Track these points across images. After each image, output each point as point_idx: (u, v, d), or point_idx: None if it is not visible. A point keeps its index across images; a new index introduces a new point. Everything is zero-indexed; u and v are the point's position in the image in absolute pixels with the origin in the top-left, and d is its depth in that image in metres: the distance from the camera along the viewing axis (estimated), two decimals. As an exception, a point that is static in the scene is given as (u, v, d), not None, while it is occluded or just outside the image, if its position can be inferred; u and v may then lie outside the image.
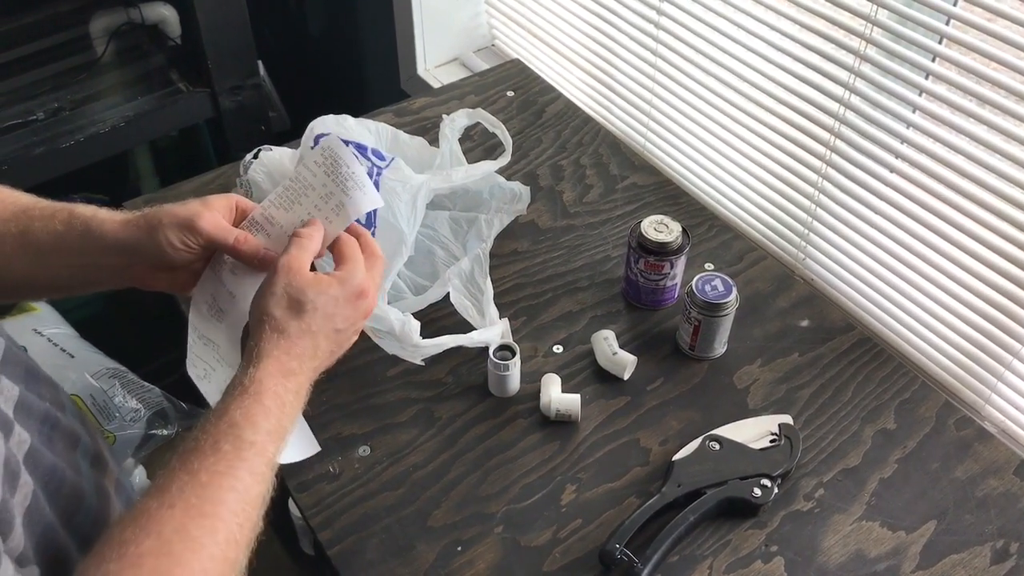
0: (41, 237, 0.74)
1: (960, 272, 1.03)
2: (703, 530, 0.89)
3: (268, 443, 0.64)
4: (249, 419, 0.64)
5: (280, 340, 0.69)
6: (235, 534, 0.59)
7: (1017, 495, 0.92)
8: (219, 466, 0.61)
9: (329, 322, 0.72)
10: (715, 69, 1.24)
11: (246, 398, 0.65)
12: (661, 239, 1.06)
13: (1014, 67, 0.89)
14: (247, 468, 0.62)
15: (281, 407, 0.67)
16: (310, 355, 0.71)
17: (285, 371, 0.68)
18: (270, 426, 0.65)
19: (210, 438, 0.62)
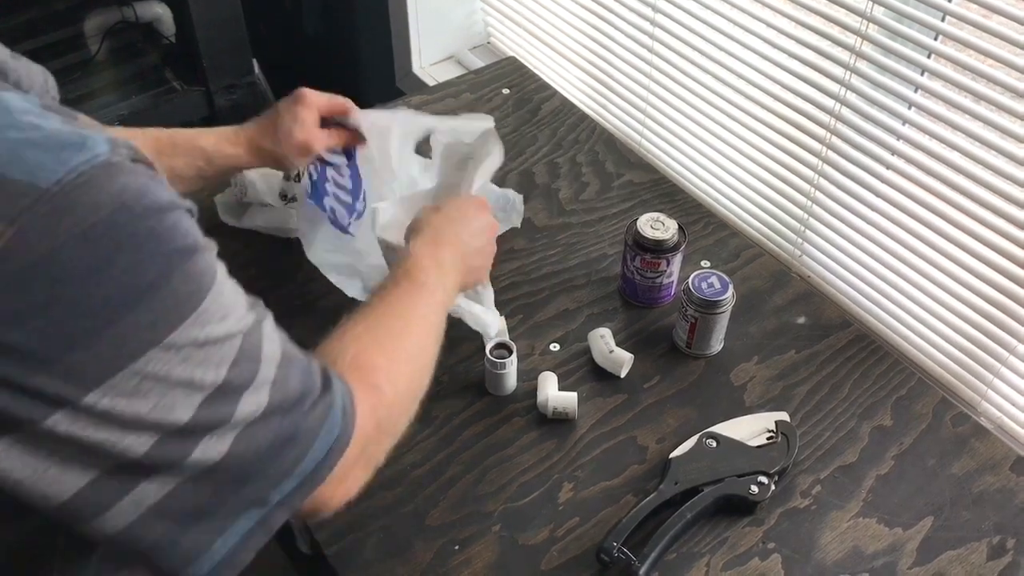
0: (185, 171, 0.97)
1: (956, 269, 1.03)
2: (700, 528, 0.89)
3: (436, 288, 0.80)
4: (417, 269, 0.80)
5: (425, 229, 0.86)
6: (424, 340, 0.75)
7: (1013, 491, 0.93)
8: (401, 294, 0.77)
9: (465, 216, 0.90)
10: (711, 66, 1.24)
11: (407, 262, 0.81)
12: (657, 237, 1.06)
13: (1010, 63, 0.89)
14: (425, 298, 0.78)
15: (439, 266, 0.82)
16: (453, 234, 0.87)
17: (434, 242, 0.84)
18: (434, 278, 0.80)
19: (388, 283, 0.78)
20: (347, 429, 0.60)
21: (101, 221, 0.44)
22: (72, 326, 0.43)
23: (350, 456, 0.60)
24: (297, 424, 0.55)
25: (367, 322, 0.73)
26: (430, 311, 0.78)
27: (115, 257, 0.44)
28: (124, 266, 0.45)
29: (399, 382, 0.69)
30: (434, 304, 0.79)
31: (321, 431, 0.57)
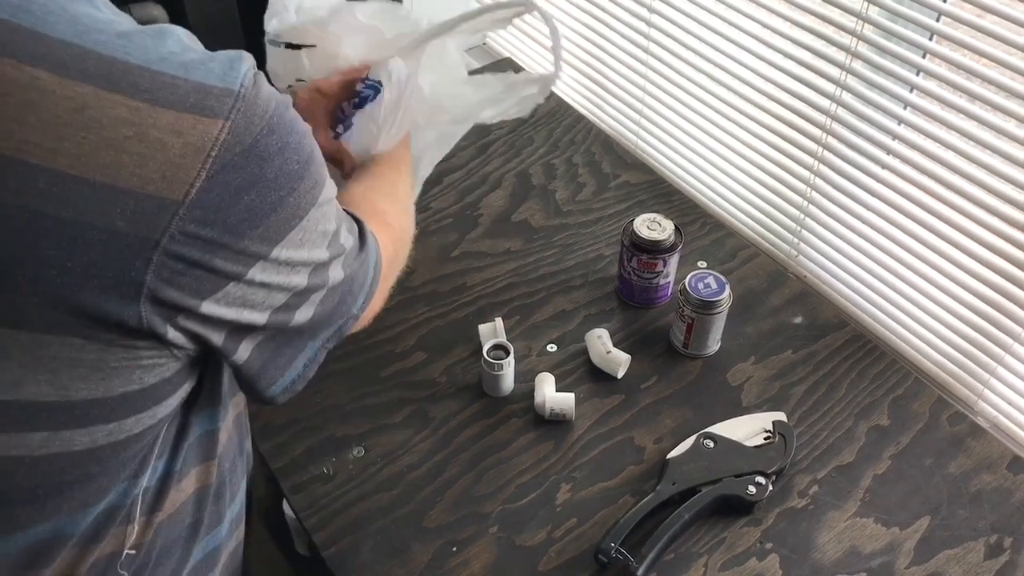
0: None
1: (952, 268, 1.04)
2: (698, 528, 0.89)
3: (402, 162, 0.94)
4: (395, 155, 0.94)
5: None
6: (405, 186, 0.91)
7: (1010, 490, 0.93)
8: (384, 167, 0.90)
9: None
10: (707, 67, 1.24)
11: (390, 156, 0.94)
12: (654, 237, 1.06)
13: (1004, 63, 0.89)
14: (397, 157, 0.93)
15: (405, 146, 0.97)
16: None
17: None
18: (403, 153, 0.95)
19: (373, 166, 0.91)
20: (378, 257, 0.73)
21: (274, 112, 0.54)
22: (270, 196, 0.54)
23: (382, 273, 0.74)
24: (355, 269, 0.68)
25: (367, 182, 0.88)
26: (401, 163, 0.93)
27: (288, 139, 0.55)
28: (294, 146, 0.55)
29: (402, 218, 0.85)
30: (404, 164, 0.94)
31: (370, 263, 0.70)
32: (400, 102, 1.00)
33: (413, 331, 1.09)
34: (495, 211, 1.26)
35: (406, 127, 1.01)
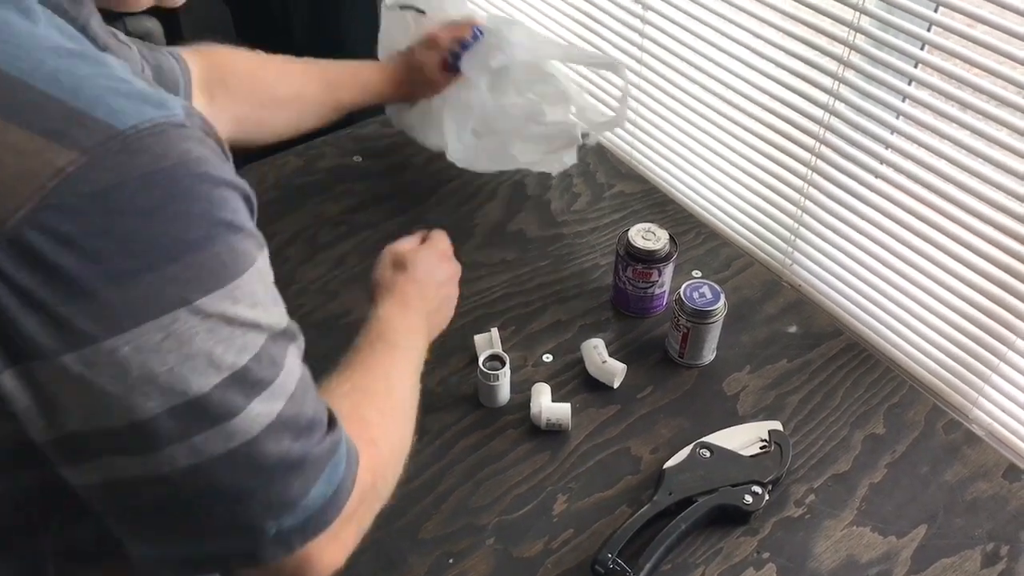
0: (347, 103, 1.17)
1: (946, 276, 1.04)
2: (695, 538, 0.89)
3: (410, 349, 0.80)
4: (391, 332, 0.80)
5: (392, 291, 0.86)
6: (406, 399, 0.75)
7: (1006, 498, 0.93)
8: (379, 356, 0.76)
9: (430, 273, 0.91)
10: (700, 77, 1.25)
11: (380, 325, 0.81)
12: (649, 247, 1.06)
13: (995, 72, 0.89)
14: (401, 358, 0.78)
15: (409, 330, 0.83)
16: (419, 296, 0.87)
17: (402, 304, 0.84)
18: (405, 340, 0.81)
19: (363, 346, 0.77)
20: (351, 473, 0.58)
21: (163, 170, 0.45)
22: (117, 262, 0.44)
23: (349, 507, 0.57)
24: (306, 451, 0.53)
25: (352, 382, 0.72)
26: (407, 372, 0.78)
27: (168, 205, 0.46)
28: (174, 216, 0.46)
29: (392, 438, 0.69)
30: (410, 365, 0.79)
31: (327, 467, 0.55)
32: (496, 47, 1.19)
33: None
34: (490, 222, 1.26)
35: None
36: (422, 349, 0.84)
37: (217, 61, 1.04)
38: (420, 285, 0.89)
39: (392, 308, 0.84)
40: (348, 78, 1.17)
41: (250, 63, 1.09)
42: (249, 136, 1.07)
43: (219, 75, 1.03)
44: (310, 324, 1.10)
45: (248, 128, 1.06)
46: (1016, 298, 0.97)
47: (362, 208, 1.28)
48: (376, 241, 1.22)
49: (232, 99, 1.04)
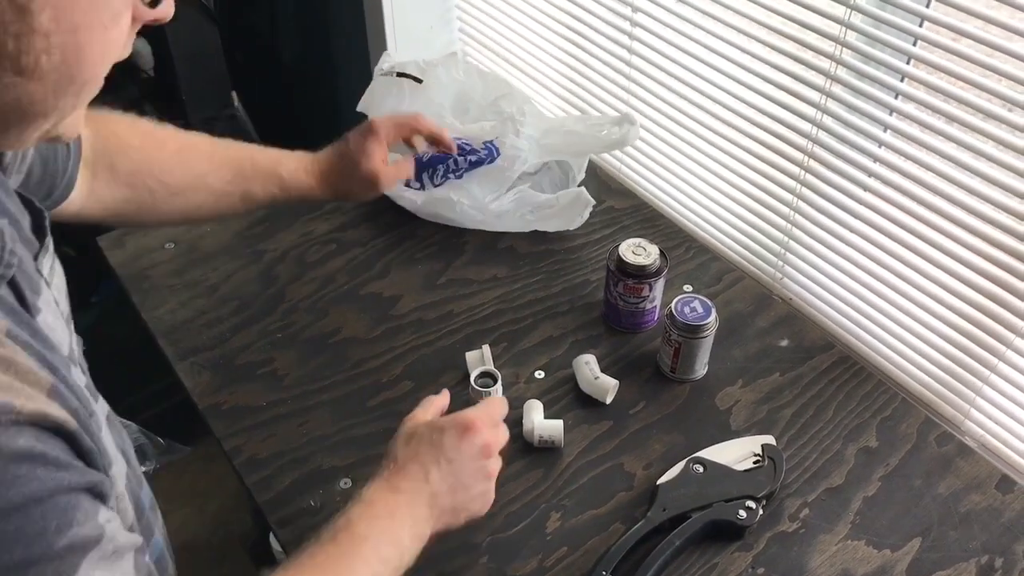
0: (259, 196, 0.99)
1: (937, 288, 1.04)
2: (689, 554, 0.88)
3: (381, 542, 0.71)
4: (364, 518, 0.71)
5: (391, 464, 0.76)
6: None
7: (1000, 509, 0.93)
8: (338, 550, 0.69)
9: (436, 450, 0.77)
10: (688, 92, 1.25)
11: (359, 506, 0.72)
12: (639, 262, 1.06)
13: (980, 85, 0.90)
14: (368, 553, 0.69)
15: (391, 515, 0.73)
16: (420, 478, 0.75)
17: (392, 488, 0.74)
18: (381, 526, 0.72)
19: (329, 533, 0.70)
20: None
21: None
22: None
23: None
24: None
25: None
26: (369, 570, 0.70)
27: None
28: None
29: None
30: (374, 561, 0.70)
31: None
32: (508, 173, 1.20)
33: (399, 360, 1.08)
34: (480, 238, 1.26)
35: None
36: (404, 538, 0.73)
37: (108, 134, 0.91)
38: (423, 464, 0.76)
39: (379, 490, 0.74)
40: (265, 168, 0.99)
41: (146, 142, 0.94)
42: (131, 218, 0.96)
43: (107, 150, 0.90)
44: (300, 342, 1.10)
45: (131, 213, 0.94)
46: (1006, 309, 0.97)
47: (351, 226, 1.28)
48: (366, 258, 1.22)
49: (116, 181, 0.91)
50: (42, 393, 0.46)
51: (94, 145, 0.89)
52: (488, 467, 0.80)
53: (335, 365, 1.07)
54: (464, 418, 0.79)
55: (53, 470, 0.44)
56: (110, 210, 0.92)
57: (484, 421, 0.80)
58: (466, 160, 1.22)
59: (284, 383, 1.05)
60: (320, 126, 2.19)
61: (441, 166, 1.23)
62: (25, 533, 0.43)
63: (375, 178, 1.04)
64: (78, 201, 0.87)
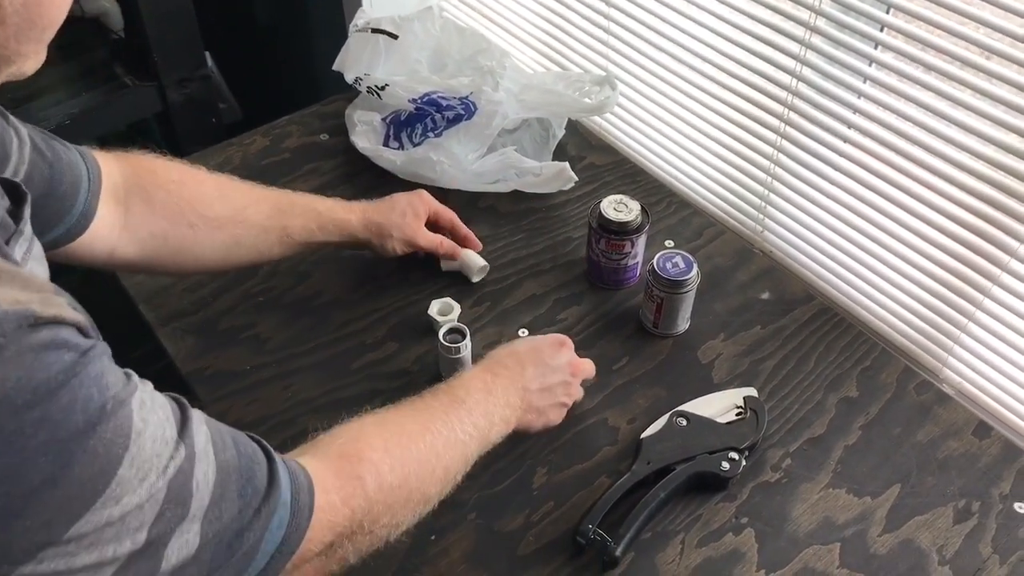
0: (298, 234, 0.98)
1: (915, 238, 1.05)
2: (674, 506, 0.90)
3: (476, 410, 0.78)
4: (462, 388, 0.80)
5: (490, 359, 0.87)
6: (440, 450, 0.73)
7: (976, 455, 0.95)
8: (433, 403, 0.77)
9: (535, 353, 0.88)
10: (668, 45, 1.24)
11: (459, 379, 0.82)
12: (621, 218, 1.06)
13: (958, 33, 0.90)
14: (458, 413, 0.76)
15: (488, 392, 0.81)
16: (517, 370, 0.85)
17: (492, 372, 0.84)
18: (475, 400, 0.79)
19: (428, 393, 0.79)
20: (298, 527, 0.58)
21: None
22: None
23: (306, 550, 0.59)
24: (233, 547, 0.53)
25: (382, 416, 0.73)
26: (460, 427, 0.76)
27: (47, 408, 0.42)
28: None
29: (388, 477, 0.67)
30: (467, 423, 0.77)
31: (262, 543, 0.55)
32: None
33: (383, 321, 1.08)
34: (461, 198, 1.25)
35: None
36: (499, 418, 0.81)
37: (142, 169, 0.89)
38: (519, 359, 0.87)
39: (479, 371, 0.84)
40: (302, 205, 1.00)
41: (185, 176, 0.93)
42: (168, 260, 0.91)
43: (141, 185, 0.88)
44: (281, 306, 1.09)
45: (169, 250, 0.90)
46: (983, 258, 0.98)
47: (330, 187, 1.27)
48: (347, 220, 1.21)
49: (153, 213, 0.88)
50: (59, 298, 0.48)
51: (127, 181, 0.87)
52: (573, 384, 0.92)
53: (319, 328, 1.07)
54: (561, 336, 0.93)
55: (77, 351, 0.46)
56: (147, 250, 0.88)
57: (573, 347, 0.92)
58: (444, 117, 1.20)
59: (268, 347, 1.05)
60: (296, 85, 2.15)
61: (419, 125, 1.22)
62: (77, 401, 0.44)
63: (413, 239, 1.06)
64: (110, 240, 0.85)
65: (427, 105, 1.22)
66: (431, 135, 1.22)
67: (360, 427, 0.71)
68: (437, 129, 1.21)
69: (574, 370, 0.92)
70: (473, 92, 1.21)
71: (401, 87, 1.24)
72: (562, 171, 1.22)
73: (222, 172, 1.28)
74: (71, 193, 0.79)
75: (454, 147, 1.21)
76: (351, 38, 1.29)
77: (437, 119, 1.21)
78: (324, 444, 0.67)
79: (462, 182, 1.23)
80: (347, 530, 0.63)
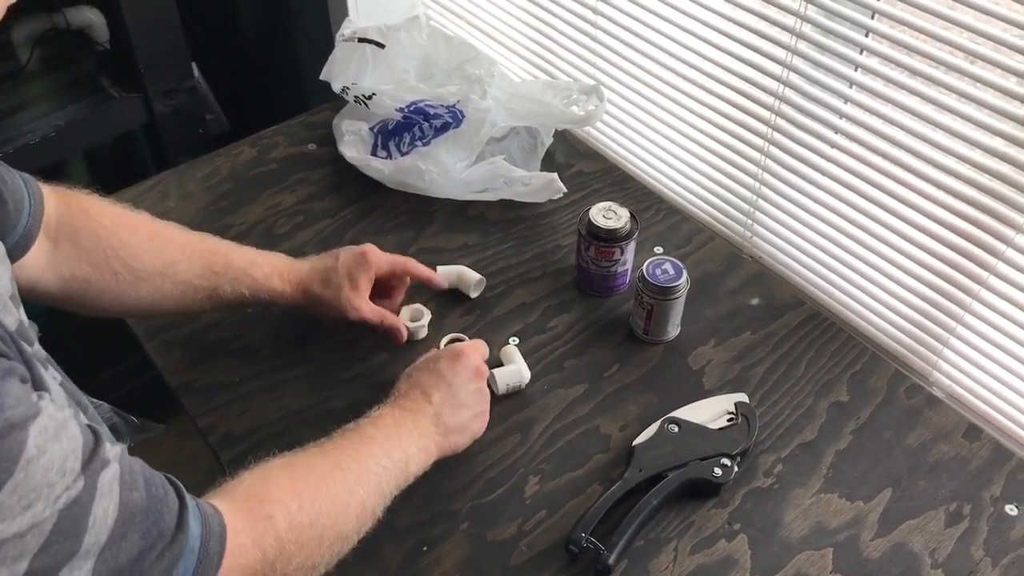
0: (228, 295, 0.95)
1: (903, 242, 1.05)
2: (667, 513, 0.90)
3: (388, 444, 0.79)
4: (372, 424, 0.81)
5: (395, 393, 0.88)
6: (354, 487, 0.73)
7: (967, 458, 0.95)
8: (343, 441, 0.77)
9: (435, 376, 0.88)
10: (655, 53, 1.25)
11: (366, 418, 0.82)
12: (610, 226, 1.06)
13: (942, 38, 0.90)
14: (370, 449, 0.77)
15: (397, 425, 0.82)
16: (423, 399, 0.86)
17: (398, 407, 0.84)
18: (388, 432, 0.80)
19: (338, 433, 0.79)
20: (206, 574, 0.58)
21: None
22: None
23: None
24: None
25: (290, 458, 0.72)
26: (372, 462, 0.76)
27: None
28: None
29: (299, 516, 0.67)
30: (380, 456, 0.77)
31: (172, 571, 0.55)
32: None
33: (373, 332, 1.07)
34: (450, 206, 1.25)
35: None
36: (410, 446, 0.81)
37: (77, 208, 0.87)
38: (422, 386, 0.86)
39: (385, 407, 0.84)
40: (238, 268, 0.95)
41: (118, 223, 0.89)
42: (90, 302, 0.89)
43: (73, 225, 0.86)
44: (270, 316, 1.09)
45: (91, 294, 0.88)
46: (971, 261, 0.99)
47: (318, 198, 1.27)
48: (334, 230, 1.21)
49: (79, 257, 0.86)
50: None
51: (60, 216, 0.85)
52: (483, 389, 0.91)
53: (308, 338, 1.07)
54: (454, 348, 0.92)
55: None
56: (70, 289, 0.86)
57: (471, 348, 0.92)
58: (431, 125, 1.20)
59: (257, 358, 1.04)
60: (283, 95, 2.15)
61: (407, 134, 1.22)
62: None
63: (351, 308, 0.98)
64: (37, 270, 0.83)
65: (415, 114, 1.22)
66: (419, 144, 1.22)
67: (267, 469, 0.70)
68: (425, 138, 1.21)
69: (480, 375, 0.91)
70: (461, 100, 1.21)
71: (388, 96, 1.24)
72: (551, 182, 1.22)
73: (210, 182, 1.28)
74: (13, 215, 0.77)
75: (442, 156, 1.21)
76: (338, 48, 1.29)
77: (425, 128, 1.20)
78: (231, 487, 0.67)
79: (451, 191, 1.23)
80: (259, 573, 0.63)
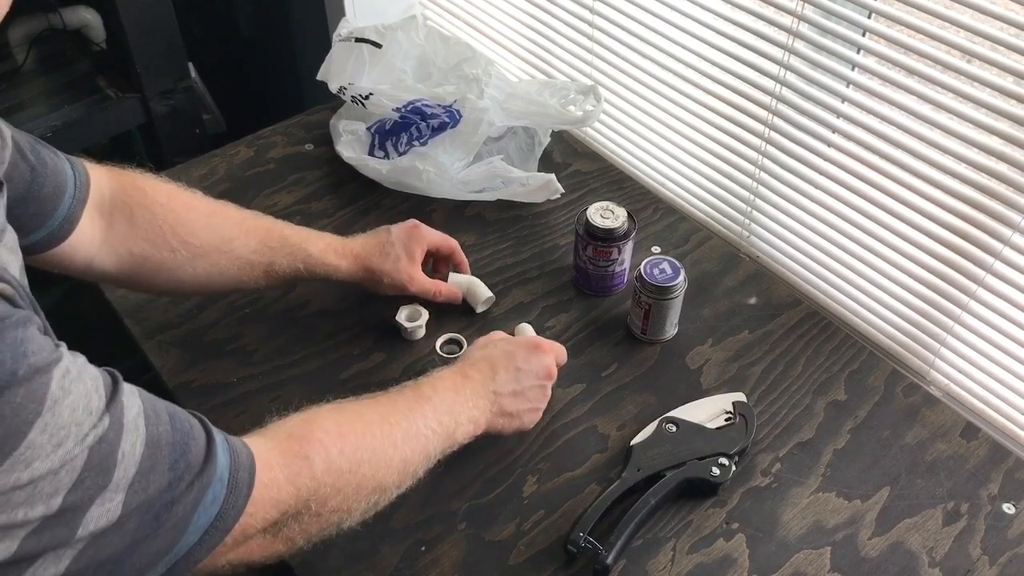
0: (283, 270, 0.96)
1: (900, 241, 1.05)
2: (665, 512, 0.90)
3: (441, 408, 0.79)
4: (429, 385, 0.81)
5: (464, 359, 0.89)
6: (399, 443, 0.74)
7: (964, 457, 0.95)
8: (397, 397, 0.78)
9: (508, 358, 0.88)
10: (652, 53, 1.25)
11: (428, 376, 0.83)
12: (608, 225, 1.06)
13: (939, 37, 0.90)
14: (423, 409, 0.77)
15: (456, 390, 0.82)
16: (488, 374, 0.86)
17: (462, 373, 0.85)
18: (444, 395, 0.81)
19: (395, 388, 0.79)
20: (235, 504, 0.59)
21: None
22: None
23: (247, 525, 0.59)
24: (161, 519, 0.54)
25: (342, 404, 0.74)
26: (422, 422, 0.77)
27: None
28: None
29: (338, 460, 0.68)
30: (431, 418, 0.78)
31: (193, 516, 0.56)
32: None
33: (371, 331, 1.07)
34: (447, 206, 1.25)
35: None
36: (462, 415, 0.82)
37: (132, 187, 0.88)
38: (492, 362, 0.87)
39: (449, 371, 0.85)
40: (293, 243, 0.97)
41: (175, 201, 0.91)
42: (146, 279, 0.90)
43: (127, 203, 0.87)
44: (267, 317, 1.09)
45: (147, 270, 0.89)
46: (968, 260, 0.99)
47: (315, 198, 1.27)
48: (332, 230, 1.21)
49: (135, 234, 0.87)
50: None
51: (114, 195, 0.86)
52: (547, 388, 0.92)
53: (305, 338, 1.07)
54: (536, 339, 0.93)
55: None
56: (125, 267, 0.88)
57: (551, 347, 0.93)
58: (428, 125, 1.20)
59: (254, 358, 1.04)
60: (280, 95, 2.15)
61: (404, 133, 1.22)
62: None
63: (408, 278, 1.02)
64: (90, 250, 0.84)
65: (412, 114, 1.22)
66: (416, 143, 1.22)
67: (315, 412, 0.72)
68: (422, 137, 1.21)
69: (549, 375, 0.91)
70: (458, 100, 1.21)
71: (385, 96, 1.24)
72: (549, 183, 1.22)
73: (207, 182, 1.28)
74: (53, 197, 0.79)
75: (440, 156, 1.21)
76: (335, 48, 1.29)
77: (422, 127, 1.20)
78: (275, 426, 0.69)
79: (448, 191, 1.23)
80: (292, 509, 0.64)
